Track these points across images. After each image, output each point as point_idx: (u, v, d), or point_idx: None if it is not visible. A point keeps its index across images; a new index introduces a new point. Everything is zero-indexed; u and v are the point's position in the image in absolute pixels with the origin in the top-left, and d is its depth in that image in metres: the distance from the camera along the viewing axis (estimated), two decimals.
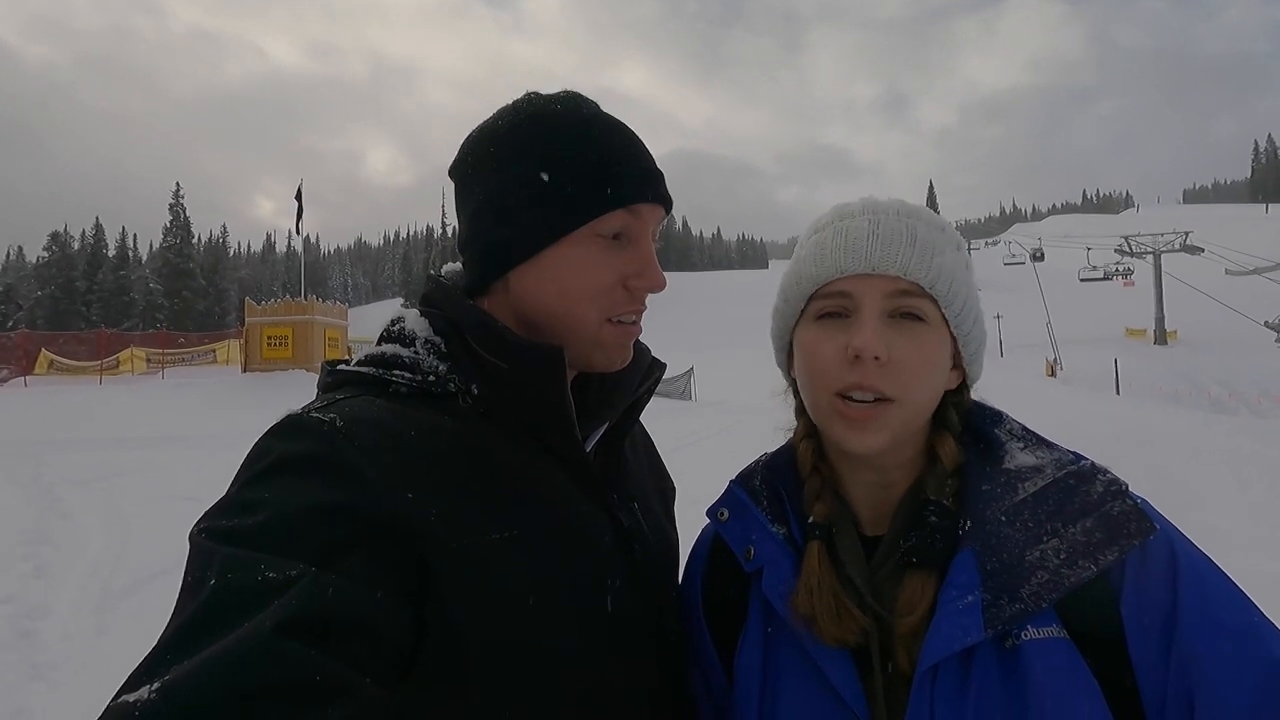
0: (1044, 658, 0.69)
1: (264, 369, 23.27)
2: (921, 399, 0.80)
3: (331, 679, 0.53)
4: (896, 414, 0.78)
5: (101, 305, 66.73)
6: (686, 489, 1.14)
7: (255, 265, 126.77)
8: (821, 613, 0.77)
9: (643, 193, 0.81)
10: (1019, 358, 36.94)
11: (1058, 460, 0.78)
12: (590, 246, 0.80)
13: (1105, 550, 0.70)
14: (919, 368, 0.79)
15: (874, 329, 0.78)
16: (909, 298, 0.79)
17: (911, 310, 0.79)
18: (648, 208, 0.82)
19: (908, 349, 0.78)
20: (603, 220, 0.79)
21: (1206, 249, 48.56)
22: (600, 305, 0.80)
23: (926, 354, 0.79)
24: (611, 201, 0.79)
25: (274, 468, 0.65)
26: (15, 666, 3.76)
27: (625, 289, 0.81)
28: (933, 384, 0.81)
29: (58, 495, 7.55)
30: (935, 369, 0.81)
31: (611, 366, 0.84)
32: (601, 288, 0.80)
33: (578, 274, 0.80)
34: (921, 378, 0.79)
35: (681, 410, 18.01)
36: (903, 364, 0.78)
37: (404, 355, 0.80)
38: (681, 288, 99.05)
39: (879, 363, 0.77)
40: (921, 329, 0.80)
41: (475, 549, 0.69)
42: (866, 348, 0.77)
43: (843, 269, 0.81)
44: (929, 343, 0.80)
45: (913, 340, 0.79)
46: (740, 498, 0.91)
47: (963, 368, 0.86)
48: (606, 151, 0.81)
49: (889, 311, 0.79)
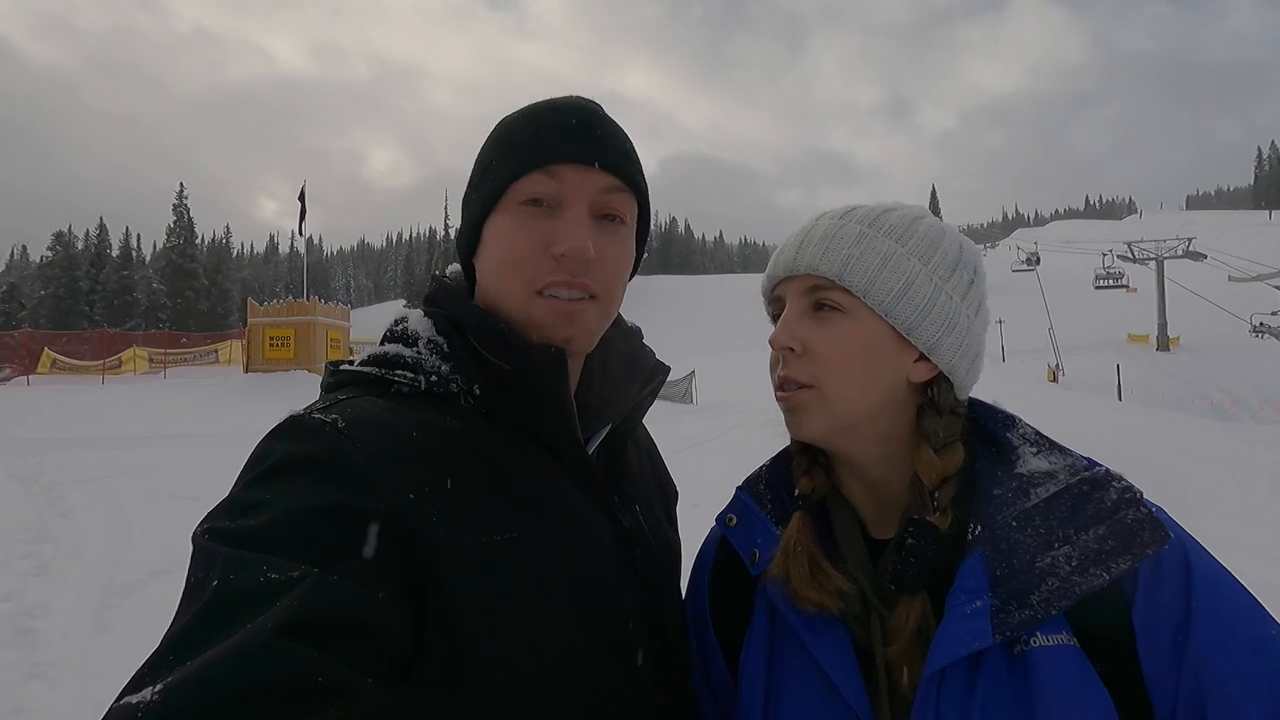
0: (1053, 665, 0.68)
1: (266, 369, 23.30)
2: (847, 387, 0.81)
3: (333, 680, 0.53)
4: (817, 400, 0.81)
5: (105, 305, 66.86)
6: (688, 492, 1.15)
7: (258, 266, 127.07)
8: (795, 573, 0.78)
9: (558, 152, 0.78)
10: (1020, 363, 36.90)
11: (1071, 466, 0.78)
12: (513, 215, 0.79)
13: (1118, 559, 0.69)
14: (834, 356, 0.81)
15: (786, 325, 0.83)
16: (821, 291, 0.83)
17: (826, 302, 0.83)
18: (570, 169, 0.78)
19: (821, 339, 0.82)
20: (519, 186, 0.78)
21: (1209, 255, 48.54)
22: (524, 275, 0.78)
23: (842, 343, 0.81)
24: (523, 165, 0.78)
25: (276, 469, 0.65)
26: (14, 665, 3.76)
27: (551, 258, 0.78)
28: (861, 372, 0.81)
29: (59, 494, 7.55)
30: (859, 357, 0.81)
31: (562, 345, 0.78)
32: (523, 255, 0.78)
33: (502, 244, 0.80)
34: (839, 365, 0.81)
35: (683, 413, 18.01)
36: (816, 353, 0.81)
37: (406, 355, 0.80)
38: (683, 291, 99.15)
39: (794, 354, 0.82)
40: (837, 319, 0.82)
41: (476, 550, 0.68)
42: (775, 340, 0.84)
43: (773, 276, 0.88)
44: (845, 332, 0.81)
45: (827, 330, 0.82)
46: (746, 502, 0.92)
47: (931, 360, 0.82)
48: (537, 122, 0.81)
49: (810, 306, 0.83)
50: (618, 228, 0.82)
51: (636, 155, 0.85)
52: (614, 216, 0.82)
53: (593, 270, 0.79)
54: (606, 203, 0.80)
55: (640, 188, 0.85)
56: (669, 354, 1.16)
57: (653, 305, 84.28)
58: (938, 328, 0.82)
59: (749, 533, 0.89)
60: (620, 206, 0.82)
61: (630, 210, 0.84)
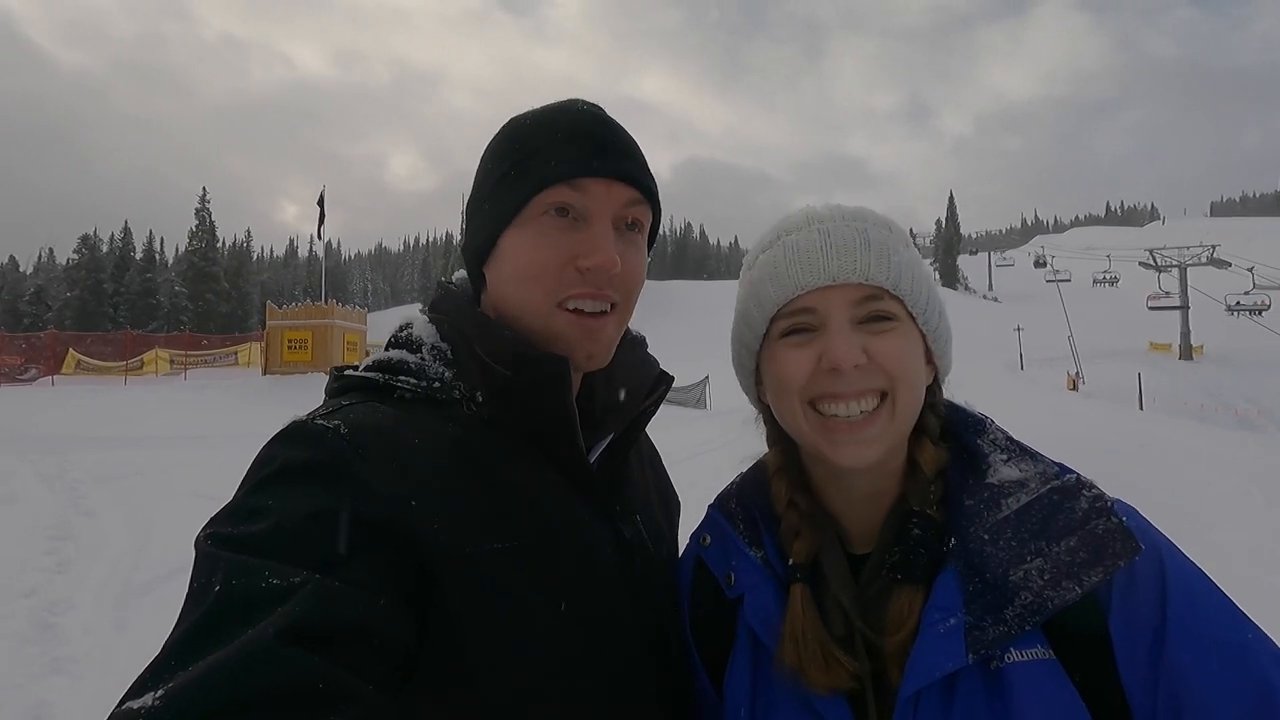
0: (1029, 681, 0.67)
1: (284, 371, 23.56)
2: (911, 400, 0.80)
3: (334, 685, 0.53)
4: (887, 419, 0.78)
5: (128, 307, 67.93)
6: (699, 498, 1.14)
7: (277, 269, 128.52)
8: (808, 663, 0.75)
9: (585, 166, 0.78)
10: (1039, 370, 36.40)
11: (1042, 474, 0.77)
12: (536, 226, 0.79)
13: (1089, 571, 0.68)
14: (899, 366, 0.78)
15: (847, 338, 0.77)
16: (875, 302, 0.79)
17: (880, 313, 0.79)
18: (597, 184, 0.78)
19: (886, 346, 0.78)
20: (544, 196, 0.78)
21: (1234, 263, 47.73)
22: (547, 287, 0.78)
23: (902, 351, 0.79)
24: (551, 176, 0.78)
25: (278, 474, 0.66)
26: (37, 660, 3.82)
27: (576, 270, 0.78)
28: (917, 381, 0.81)
29: (81, 492, 7.67)
30: (915, 366, 0.81)
31: (583, 363, 0.81)
32: (547, 267, 0.78)
33: (524, 255, 0.79)
34: (904, 376, 0.79)
35: (696, 418, 17.95)
36: (886, 360, 0.77)
37: (410, 361, 0.80)
38: (697, 296, 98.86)
39: (859, 369, 0.77)
40: (894, 328, 0.80)
41: (477, 558, 0.69)
42: (845, 358, 0.76)
43: (801, 285, 0.79)
44: (904, 340, 0.80)
45: (888, 339, 0.79)
46: (719, 522, 0.90)
47: (934, 363, 0.85)
48: (556, 131, 0.80)
49: (857, 318, 0.79)
50: (636, 237, 0.84)
51: (647, 163, 0.86)
52: (635, 226, 0.83)
53: (615, 281, 0.79)
54: (627, 215, 0.81)
55: (656, 198, 0.85)
56: (682, 359, 1.16)
57: (667, 310, 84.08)
58: (947, 333, 0.86)
59: (723, 554, 0.88)
60: (641, 218, 0.83)
61: (647, 219, 0.85)
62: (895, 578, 0.76)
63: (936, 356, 0.85)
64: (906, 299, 0.80)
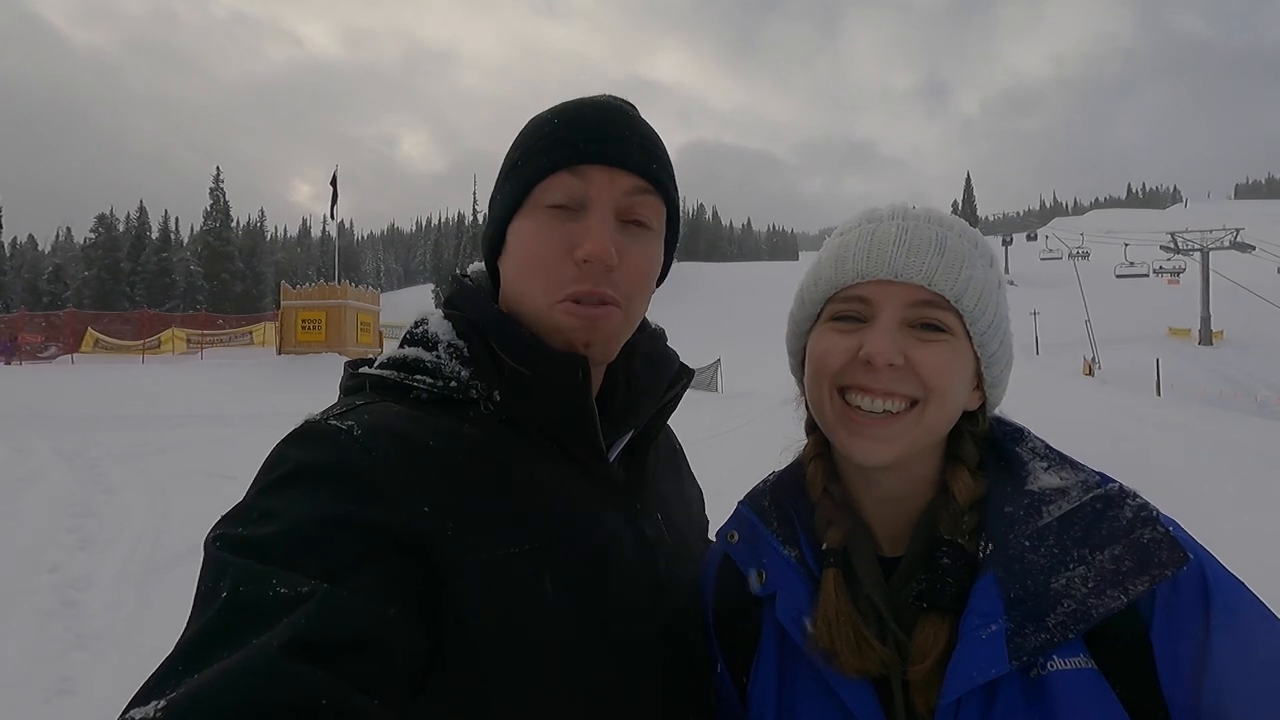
0: (1071, 690, 0.66)
1: (298, 351, 23.78)
2: (942, 414, 0.77)
3: (337, 701, 0.52)
4: (914, 424, 0.76)
5: (145, 286, 68.57)
6: (711, 481, 1.14)
7: (291, 249, 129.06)
8: (842, 645, 0.74)
9: (584, 153, 0.76)
10: (1054, 356, 36.04)
11: (1084, 482, 0.75)
12: (537, 217, 0.77)
13: (1135, 580, 0.67)
14: (939, 378, 0.76)
15: (890, 336, 0.76)
16: (931, 308, 0.77)
17: (933, 321, 0.77)
18: (595, 170, 0.76)
19: (929, 356, 0.76)
20: (545, 187, 0.76)
21: (1259, 246, 46.80)
22: (546, 281, 0.76)
23: (947, 366, 0.76)
24: (549, 165, 0.76)
25: (289, 477, 0.64)
26: (60, 636, 3.90)
27: (574, 263, 0.75)
28: (953, 399, 0.78)
29: (102, 470, 7.80)
30: (956, 383, 0.78)
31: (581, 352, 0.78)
32: (546, 261, 0.76)
33: (525, 248, 0.77)
34: (941, 389, 0.76)
35: (708, 401, 17.95)
36: (924, 369, 0.75)
37: (426, 359, 0.78)
38: (710, 278, 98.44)
39: (894, 370, 0.75)
40: (943, 340, 0.77)
41: (492, 563, 0.67)
42: (881, 354, 0.75)
43: (863, 273, 0.78)
44: (950, 355, 0.77)
45: (932, 350, 0.76)
46: (750, 519, 0.89)
47: (984, 390, 0.83)
48: (566, 121, 0.78)
49: (909, 320, 0.77)
50: (643, 232, 0.80)
51: (667, 158, 0.82)
52: (639, 222, 0.79)
53: (615, 278, 0.77)
54: (632, 206, 0.78)
55: (669, 192, 0.82)
56: (693, 342, 1.15)
57: (678, 293, 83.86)
58: (1005, 362, 0.83)
59: (753, 552, 0.86)
60: (646, 211, 0.79)
61: (658, 215, 0.81)
62: (922, 606, 0.74)
63: (988, 384, 0.82)
64: (966, 315, 0.77)
